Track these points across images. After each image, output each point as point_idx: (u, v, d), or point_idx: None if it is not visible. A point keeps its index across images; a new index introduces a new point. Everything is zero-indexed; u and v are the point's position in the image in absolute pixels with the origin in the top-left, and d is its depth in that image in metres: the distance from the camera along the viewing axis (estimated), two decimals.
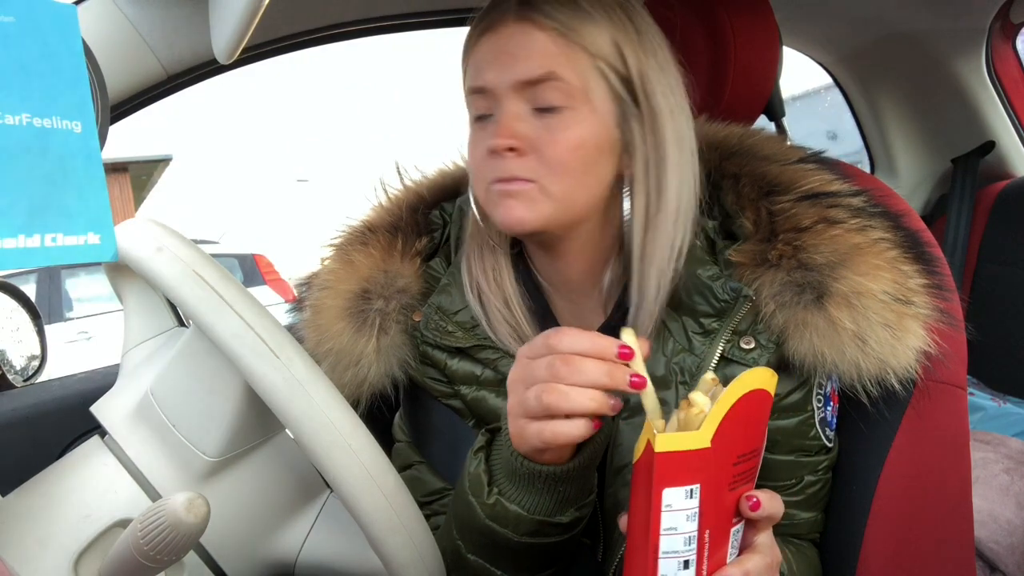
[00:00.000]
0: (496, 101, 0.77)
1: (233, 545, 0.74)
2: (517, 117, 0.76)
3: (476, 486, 0.73)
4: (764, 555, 0.64)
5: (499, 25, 0.77)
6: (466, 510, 0.74)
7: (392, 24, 1.37)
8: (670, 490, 0.58)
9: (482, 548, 0.76)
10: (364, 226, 0.96)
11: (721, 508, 0.61)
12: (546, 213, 0.77)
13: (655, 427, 0.60)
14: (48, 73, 0.40)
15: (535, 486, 0.71)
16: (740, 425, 0.60)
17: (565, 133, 0.75)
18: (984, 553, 1.17)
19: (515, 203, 0.76)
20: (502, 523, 0.72)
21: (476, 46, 0.79)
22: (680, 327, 0.82)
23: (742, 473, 0.62)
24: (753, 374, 0.61)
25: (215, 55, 0.71)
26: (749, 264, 0.81)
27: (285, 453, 0.79)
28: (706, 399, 0.60)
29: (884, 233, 0.80)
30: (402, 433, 0.97)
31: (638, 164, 0.79)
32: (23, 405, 1.18)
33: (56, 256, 0.39)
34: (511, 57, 0.76)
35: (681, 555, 0.59)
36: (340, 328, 0.88)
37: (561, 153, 0.75)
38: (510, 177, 0.76)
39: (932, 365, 0.79)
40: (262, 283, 7.25)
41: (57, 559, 0.65)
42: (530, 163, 0.76)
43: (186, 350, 0.73)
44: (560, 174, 0.76)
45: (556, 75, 0.75)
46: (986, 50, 1.64)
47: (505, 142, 0.75)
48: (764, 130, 0.96)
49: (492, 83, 0.77)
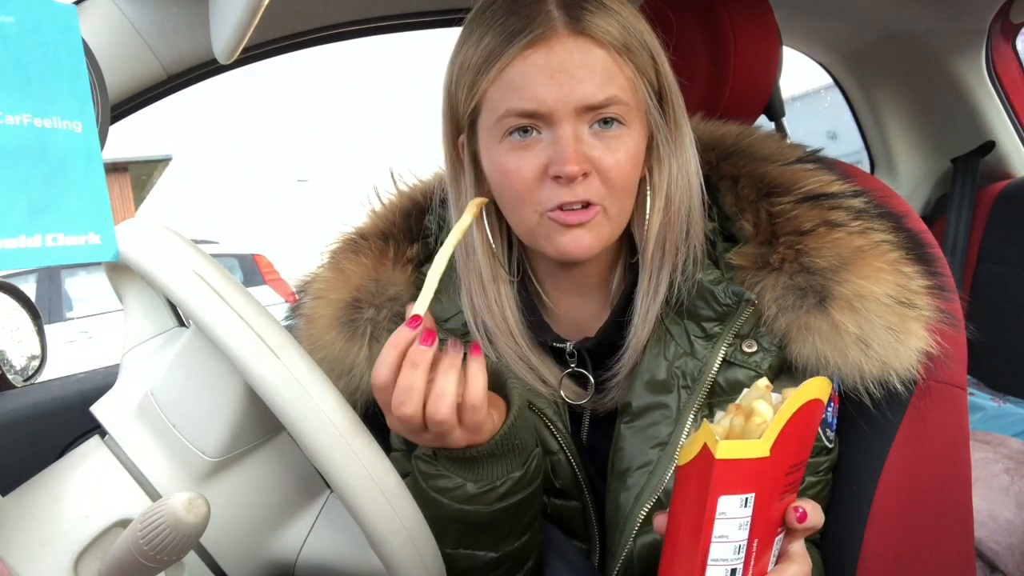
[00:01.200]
0: (548, 121, 0.73)
1: (233, 545, 0.74)
2: (581, 140, 0.73)
3: (433, 480, 0.73)
4: (801, 564, 0.64)
5: (551, 39, 0.71)
6: (436, 508, 0.73)
7: (392, 24, 1.37)
8: (726, 498, 0.58)
9: (462, 536, 0.76)
10: (356, 234, 0.95)
11: (770, 518, 0.61)
12: (606, 236, 0.76)
13: (715, 433, 0.59)
14: (48, 73, 0.40)
15: (481, 464, 0.72)
16: (796, 435, 0.60)
17: (624, 153, 0.74)
18: (984, 553, 1.17)
19: (583, 232, 0.74)
20: (471, 502, 0.72)
21: (519, 60, 0.71)
22: (682, 331, 0.81)
23: (792, 483, 0.62)
24: (812, 384, 0.60)
25: (215, 55, 0.71)
26: (750, 267, 0.81)
27: (285, 453, 0.79)
28: (769, 408, 0.59)
29: (886, 235, 0.80)
30: (398, 441, 0.97)
31: (660, 173, 0.79)
32: (23, 405, 1.18)
33: (56, 256, 0.39)
34: (572, 78, 0.71)
35: (730, 563, 0.59)
36: (332, 338, 0.88)
37: (622, 174, 0.74)
38: (577, 201, 0.73)
39: (933, 365, 0.79)
40: (262, 283, 7.24)
41: (57, 559, 0.65)
42: (594, 185, 0.73)
43: (186, 350, 0.73)
44: (619, 194, 0.75)
45: (617, 98, 0.72)
46: (986, 50, 1.63)
47: (580, 168, 0.71)
48: (761, 128, 0.96)
49: (552, 106, 0.71)
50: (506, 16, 0.73)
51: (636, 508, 0.79)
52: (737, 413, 0.60)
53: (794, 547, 0.65)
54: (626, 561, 0.80)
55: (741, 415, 0.60)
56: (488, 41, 0.73)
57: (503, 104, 0.73)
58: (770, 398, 0.61)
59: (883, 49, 1.70)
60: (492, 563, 0.77)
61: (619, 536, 0.81)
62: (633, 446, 0.81)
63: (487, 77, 0.73)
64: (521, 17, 0.72)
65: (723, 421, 0.61)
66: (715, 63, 1.03)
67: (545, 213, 0.74)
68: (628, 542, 0.80)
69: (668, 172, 0.79)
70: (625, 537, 0.80)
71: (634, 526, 0.79)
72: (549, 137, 0.73)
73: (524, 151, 0.73)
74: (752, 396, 0.61)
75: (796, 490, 0.64)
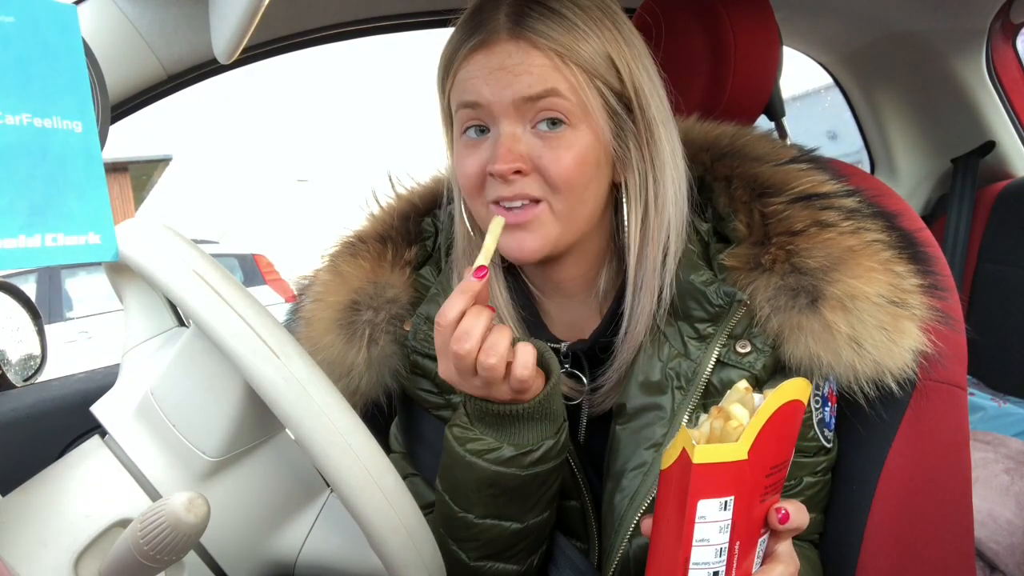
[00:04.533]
0: (492, 119, 0.76)
1: (233, 545, 0.74)
2: (516, 138, 0.75)
3: (470, 443, 0.75)
4: (787, 565, 0.64)
5: (492, 43, 0.75)
6: (470, 471, 0.75)
7: (392, 24, 1.37)
8: (705, 502, 0.58)
9: (493, 502, 0.76)
10: (355, 236, 0.96)
11: (751, 519, 0.61)
12: (554, 236, 0.77)
13: (693, 437, 0.59)
14: (48, 73, 0.40)
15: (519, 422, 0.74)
16: (775, 437, 0.60)
17: (567, 152, 0.75)
18: (984, 553, 1.17)
19: (525, 235, 0.76)
20: (507, 464, 0.74)
21: (466, 62, 0.77)
22: (676, 332, 0.82)
23: (773, 484, 0.62)
24: (789, 385, 0.61)
25: (215, 55, 0.71)
26: (743, 268, 0.81)
27: (285, 453, 0.79)
28: (745, 411, 0.59)
29: (878, 234, 0.80)
30: (397, 443, 0.97)
31: (633, 175, 0.80)
32: (23, 405, 1.18)
33: (56, 256, 0.39)
34: (509, 73, 0.74)
35: (711, 567, 0.59)
36: (331, 340, 0.88)
37: (564, 171, 0.75)
38: (514, 196, 0.75)
39: (930, 365, 0.79)
40: (262, 283, 7.25)
41: (57, 559, 0.65)
42: (534, 183, 0.75)
43: (186, 350, 0.73)
44: (564, 192, 0.76)
45: (556, 91, 0.74)
46: (986, 50, 1.63)
47: (510, 166, 0.74)
48: (756, 128, 0.96)
49: (489, 98, 0.75)
50: (466, 24, 0.78)
51: (631, 510, 0.80)
52: (717, 416, 0.60)
53: (780, 547, 0.65)
54: (621, 562, 0.80)
55: (720, 418, 0.60)
56: (450, 47, 0.79)
57: (455, 100, 0.79)
58: (750, 400, 0.61)
59: (883, 49, 1.70)
60: (516, 535, 0.78)
61: (614, 537, 0.81)
62: (628, 447, 0.81)
63: (449, 78, 0.79)
64: (475, 24, 0.77)
65: (703, 425, 0.61)
66: (715, 63, 1.03)
67: (489, 205, 0.78)
68: (623, 543, 0.80)
69: (645, 181, 0.80)
70: (620, 538, 0.80)
71: (629, 527, 0.80)
72: (493, 136, 0.77)
73: (473, 148, 0.78)
74: (731, 399, 0.62)
75: (779, 491, 0.64)
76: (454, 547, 0.79)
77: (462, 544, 0.79)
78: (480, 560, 0.79)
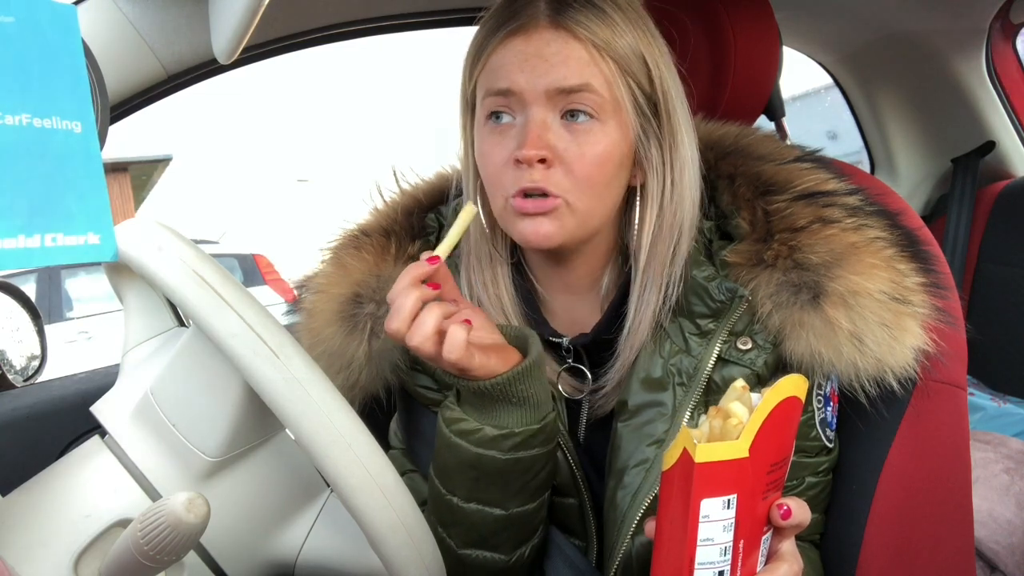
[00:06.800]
0: (522, 106, 0.76)
1: (233, 545, 0.74)
2: (546, 126, 0.75)
3: (456, 424, 0.75)
4: (791, 563, 0.64)
5: (531, 29, 0.75)
6: (455, 452, 0.75)
7: (392, 24, 1.37)
8: (708, 500, 0.58)
9: (474, 485, 0.77)
10: (358, 230, 0.96)
11: (754, 517, 0.61)
12: (570, 229, 0.77)
13: (694, 436, 0.59)
14: (48, 73, 0.40)
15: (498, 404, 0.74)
16: (775, 433, 0.60)
17: (594, 147, 0.75)
18: (984, 553, 1.17)
19: (543, 219, 0.76)
20: (487, 446, 0.74)
21: (501, 47, 0.76)
22: (677, 329, 0.82)
23: (774, 481, 0.62)
24: (787, 382, 0.61)
25: (215, 55, 0.71)
26: (745, 264, 0.81)
27: (285, 453, 0.79)
28: (744, 409, 0.60)
29: (880, 232, 0.80)
30: (397, 440, 0.97)
31: (653, 177, 0.80)
32: (23, 405, 1.18)
33: (56, 256, 0.39)
34: (546, 62, 0.74)
35: (716, 566, 0.59)
36: (332, 332, 0.88)
37: (588, 168, 0.75)
38: (535, 188, 0.75)
39: (931, 364, 0.79)
40: (262, 283, 7.24)
41: (57, 559, 0.65)
42: (556, 176, 0.75)
43: (186, 350, 0.73)
44: (585, 189, 0.75)
45: (591, 87, 0.74)
46: (986, 50, 1.63)
47: (536, 152, 0.73)
48: (760, 129, 0.96)
49: (523, 86, 0.74)
50: (502, 11, 0.77)
51: (633, 506, 0.80)
52: (716, 415, 0.60)
53: (784, 546, 0.65)
54: (624, 559, 0.80)
55: (720, 417, 0.60)
56: (483, 33, 0.78)
57: (484, 87, 0.78)
58: (748, 399, 0.61)
59: (883, 49, 1.70)
60: (499, 522, 0.78)
61: (617, 534, 0.81)
62: (630, 444, 0.81)
63: (478, 64, 0.78)
64: (512, 11, 0.76)
65: (703, 425, 0.61)
66: (715, 63, 1.03)
67: (509, 199, 0.77)
68: (626, 540, 0.80)
69: (663, 184, 0.80)
70: (623, 535, 0.80)
71: (631, 524, 0.79)
72: (521, 123, 0.76)
73: (499, 135, 0.77)
74: (729, 397, 0.62)
75: (780, 488, 0.64)
76: (443, 533, 0.80)
77: (448, 530, 0.79)
78: (466, 548, 0.80)
